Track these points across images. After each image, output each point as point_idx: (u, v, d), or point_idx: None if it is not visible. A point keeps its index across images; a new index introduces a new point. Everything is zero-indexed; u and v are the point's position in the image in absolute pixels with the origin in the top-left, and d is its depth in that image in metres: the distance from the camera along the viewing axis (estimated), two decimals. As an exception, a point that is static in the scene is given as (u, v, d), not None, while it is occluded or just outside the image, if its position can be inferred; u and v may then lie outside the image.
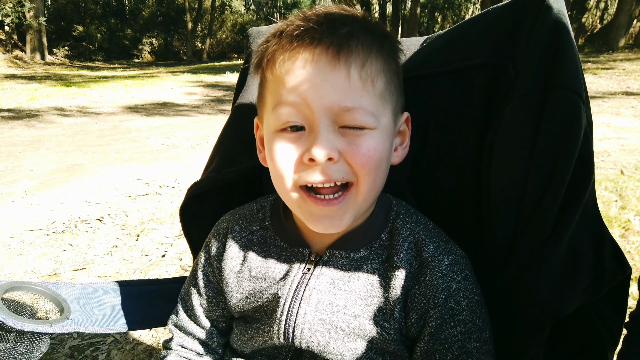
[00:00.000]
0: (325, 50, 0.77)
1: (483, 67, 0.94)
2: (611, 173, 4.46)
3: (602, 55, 16.24)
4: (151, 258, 3.14)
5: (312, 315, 0.87)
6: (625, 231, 3.19)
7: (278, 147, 0.82)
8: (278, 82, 0.81)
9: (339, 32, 0.79)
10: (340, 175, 0.80)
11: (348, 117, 0.78)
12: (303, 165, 0.80)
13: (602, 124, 6.80)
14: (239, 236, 0.99)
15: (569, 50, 0.82)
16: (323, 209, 0.82)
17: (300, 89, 0.78)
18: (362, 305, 0.86)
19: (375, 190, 0.85)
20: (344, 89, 0.77)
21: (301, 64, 0.78)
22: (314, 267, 0.90)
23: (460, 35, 1.03)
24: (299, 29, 0.79)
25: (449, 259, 0.86)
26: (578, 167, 0.81)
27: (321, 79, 0.77)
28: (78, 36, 27.72)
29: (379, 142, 0.81)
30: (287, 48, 0.80)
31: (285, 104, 0.79)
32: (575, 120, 0.80)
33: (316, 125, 0.78)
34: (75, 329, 1.07)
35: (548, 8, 0.83)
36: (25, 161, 5.85)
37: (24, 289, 1.10)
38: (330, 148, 0.77)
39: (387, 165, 0.86)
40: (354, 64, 0.78)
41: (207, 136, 7.25)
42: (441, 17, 31.87)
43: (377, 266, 0.89)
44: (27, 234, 3.59)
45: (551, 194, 0.81)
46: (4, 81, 14.33)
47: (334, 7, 0.85)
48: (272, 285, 0.92)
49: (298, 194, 0.83)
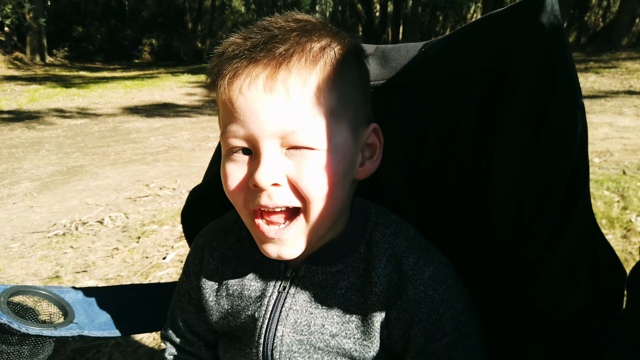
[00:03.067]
0: (262, 71, 0.74)
1: (482, 73, 0.94)
2: (613, 173, 4.46)
3: (605, 54, 16.24)
4: (152, 260, 3.14)
5: (289, 336, 0.86)
6: (627, 232, 3.19)
7: (226, 172, 0.79)
8: (223, 109, 0.78)
9: (277, 50, 0.74)
10: (287, 200, 0.76)
11: (293, 139, 0.74)
12: (250, 191, 0.77)
13: (604, 123, 6.81)
14: (216, 252, 0.97)
15: (565, 55, 0.82)
16: (271, 238, 0.78)
17: (241, 118, 0.74)
18: (340, 323, 0.84)
19: (331, 214, 0.81)
20: (286, 111, 0.73)
21: (237, 89, 0.75)
22: (290, 285, 0.88)
23: (458, 40, 1.02)
24: (237, 49, 0.76)
25: (430, 270, 0.83)
26: (573, 172, 0.81)
27: (260, 105, 0.73)
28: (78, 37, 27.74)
29: (330, 164, 0.76)
30: (226, 72, 0.76)
31: (230, 132, 0.76)
32: (572, 126, 0.80)
33: (260, 150, 0.74)
34: (79, 332, 1.07)
35: (545, 15, 0.83)
36: (25, 163, 5.85)
37: (29, 292, 1.11)
38: (273, 174, 0.74)
39: (344, 186, 0.81)
40: (294, 84, 0.73)
41: (208, 137, 7.25)
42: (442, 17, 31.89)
43: (354, 280, 0.86)
44: (28, 237, 3.59)
45: (550, 200, 0.81)
46: (4, 83, 14.34)
47: (283, 18, 0.81)
48: (248, 305, 0.90)
49: (251, 218, 0.80)
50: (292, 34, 0.77)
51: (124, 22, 30.29)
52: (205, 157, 5.84)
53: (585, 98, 8.79)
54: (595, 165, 4.81)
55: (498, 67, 0.91)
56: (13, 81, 14.85)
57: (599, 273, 0.86)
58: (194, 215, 1.23)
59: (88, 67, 21.23)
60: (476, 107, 0.95)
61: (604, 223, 3.33)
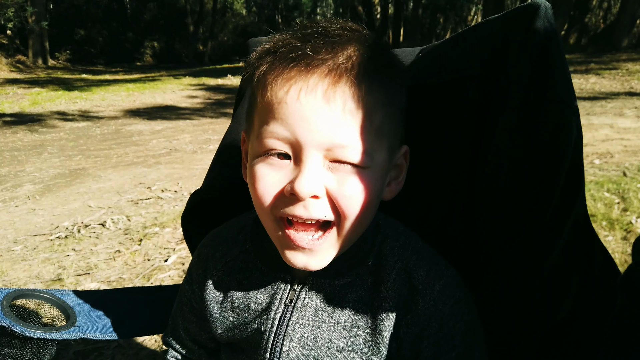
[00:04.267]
0: (322, 79, 0.71)
1: (476, 78, 0.94)
2: (613, 175, 4.46)
3: (606, 55, 16.21)
4: (154, 263, 3.15)
5: (296, 351, 0.84)
6: (627, 233, 3.19)
7: (259, 174, 0.75)
8: (267, 109, 0.74)
9: (338, 59, 0.72)
10: (322, 214, 0.73)
11: (340, 153, 0.72)
12: (284, 198, 0.73)
13: (605, 124, 6.80)
14: (220, 263, 0.95)
15: (559, 62, 0.83)
16: (302, 248, 0.76)
17: (291, 123, 0.71)
18: (347, 337, 0.83)
19: (360, 231, 0.80)
20: (339, 124, 0.71)
21: (294, 94, 0.71)
22: (297, 298, 0.86)
23: (454, 46, 1.03)
24: (294, 51, 0.73)
25: (440, 284, 0.82)
26: (569, 176, 0.82)
27: (314, 112, 0.70)
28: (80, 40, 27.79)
29: (369, 182, 0.75)
30: (279, 73, 0.73)
31: (272, 134, 0.73)
32: (565, 131, 0.81)
33: (304, 159, 0.72)
34: (81, 335, 1.08)
35: (538, 22, 0.84)
36: (28, 166, 5.87)
37: (31, 296, 1.12)
38: (315, 185, 0.71)
39: (376, 205, 0.80)
40: (351, 97, 0.71)
41: (209, 140, 7.26)
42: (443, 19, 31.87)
43: (362, 293, 0.84)
44: (31, 239, 3.61)
45: (545, 204, 0.82)
46: (6, 86, 14.37)
47: (338, 25, 0.78)
48: (254, 318, 0.88)
49: (277, 225, 0.77)
50: (352, 44, 0.75)
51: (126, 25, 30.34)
52: (206, 160, 5.85)
53: (586, 99, 8.81)
54: (596, 166, 4.81)
55: (493, 73, 0.92)
56: (15, 84, 14.89)
57: (594, 277, 0.87)
58: (194, 219, 1.23)
59: (90, 70, 21.28)
60: (470, 112, 0.96)
61: (604, 225, 3.33)
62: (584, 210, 0.88)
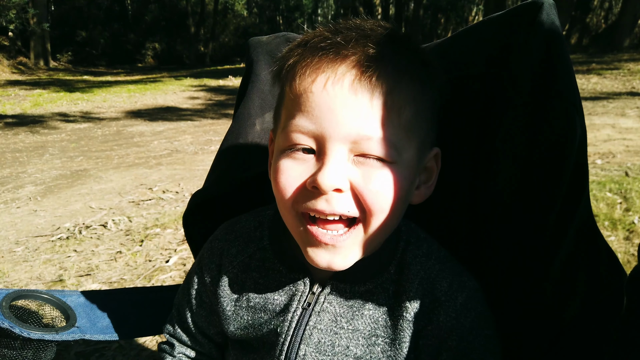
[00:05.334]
0: (350, 69, 0.70)
1: (479, 77, 0.94)
2: (616, 175, 4.45)
3: (607, 55, 16.20)
4: (155, 264, 3.15)
5: (312, 356, 0.82)
6: (629, 233, 3.18)
7: (282, 168, 0.74)
8: (294, 100, 0.73)
9: (368, 50, 0.71)
10: (345, 209, 0.71)
11: (366, 146, 0.70)
12: (307, 192, 0.72)
13: (606, 124, 6.79)
14: (236, 260, 0.92)
15: (563, 60, 0.82)
16: (325, 244, 0.73)
17: (316, 114, 0.70)
18: (365, 345, 0.81)
19: (387, 231, 0.77)
20: (365, 115, 0.69)
21: (321, 83, 0.70)
22: (315, 302, 0.84)
23: (456, 44, 1.03)
24: (324, 41, 0.72)
25: (463, 297, 0.80)
26: (573, 176, 0.81)
27: (341, 103, 0.69)
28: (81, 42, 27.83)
29: (396, 179, 0.72)
30: (309, 62, 0.72)
31: (297, 127, 0.72)
32: (569, 130, 0.80)
33: (328, 152, 0.70)
34: (81, 336, 1.07)
35: (542, 19, 0.83)
36: (29, 167, 5.88)
37: (31, 297, 1.11)
38: (339, 178, 0.69)
39: (404, 205, 0.78)
40: (379, 89, 0.69)
41: (210, 140, 7.27)
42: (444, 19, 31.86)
43: (382, 302, 0.82)
44: (32, 240, 3.61)
45: (549, 204, 0.81)
46: (8, 87, 14.40)
47: (372, 21, 0.78)
48: (271, 319, 0.86)
49: (299, 221, 0.75)
50: (384, 38, 0.74)
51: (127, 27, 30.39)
52: (207, 160, 5.85)
53: (588, 99, 8.80)
54: (598, 166, 4.79)
55: (496, 71, 0.92)
56: (17, 86, 14.92)
57: (600, 276, 0.86)
58: (195, 219, 1.23)
59: (91, 72, 21.32)
60: (474, 111, 0.95)
61: (607, 225, 3.32)
62: (589, 210, 0.88)
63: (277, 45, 1.22)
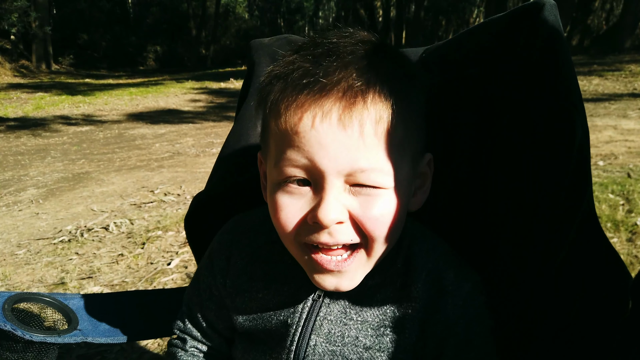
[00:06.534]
0: (336, 103, 0.69)
1: (481, 78, 0.94)
2: (618, 176, 4.44)
3: (608, 56, 16.18)
4: (157, 266, 3.15)
5: (322, 346, 0.84)
6: (632, 235, 3.17)
7: (280, 204, 0.75)
8: (283, 137, 0.72)
9: (351, 80, 0.69)
10: (348, 238, 0.73)
11: (361, 177, 0.70)
12: (308, 225, 0.73)
13: (608, 126, 6.78)
14: (245, 252, 0.94)
15: (565, 61, 0.82)
16: (330, 271, 0.76)
17: (308, 150, 0.70)
18: (374, 336, 0.83)
19: (389, 248, 0.79)
20: (357, 148, 0.69)
21: (308, 121, 0.69)
22: (325, 294, 0.86)
23: (458, 46, 1.03)
24: (306, 77, 0.70)
25: (468, 286, 0.83)
26: (574, 176, 0.81)
27: (331, 139, 0.68)
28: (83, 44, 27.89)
29: (394, 202, 0.74)
30: (292, 100, 0.71)
31: (290, 162, 0.72)
32: (569, 131, 0.80)
33: (325, 186, 0.70)
34: (83, 339, 1.07)
35: (544, 19, 0.83)
36: (31, 170, 5.88)
37: (33, 299, 1.11)
38: (339, 211, 0.70)
39: (403, 220, 0.79)
40: (369, 120, 0.69)
41: (212, 143, 7.27)
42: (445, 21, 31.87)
43: (391, 294, 0.84)
44: (34, 243, 3.61)
45: (550, 204, 0.81)
46: (10, 90, 14.42)
47: (350, 38, 0.76)
48: (280, 310, 0.87)
49: (303, 251, 0.77)
50: (365, 62, 0.72)
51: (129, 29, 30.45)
52: (209, 163, 5.85)
53: (589, 101, 8.79)
54: (600, 168, 4.78)
55: (497, 72, 0.92)
56: (19, 89, 14.94)
57: (603, 278, 0.86)
58: (197, 221, 1.23)
59: (93, 74, 21.36)
60: (475, 111, 0.95)
61: (609, 226, 3.31)
62: (592, 210, 0.87)
63: (278, 47, 1.23)
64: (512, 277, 0.87)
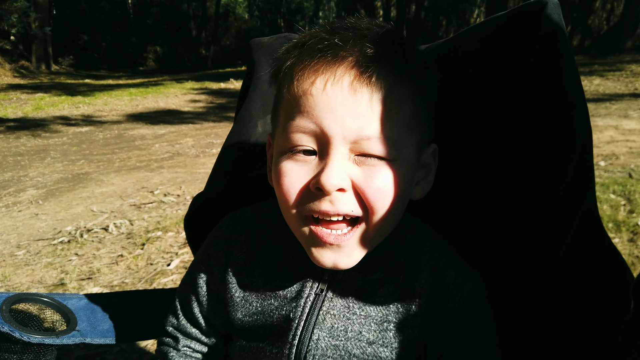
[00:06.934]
0: (348, 70, 0.71)
1: (482, 77, 0.94)
2: (619, 176, 4.43)
3: (609, 57, 16.16)
4: (157, 267, 3.14)
5: (325, 341, 0.83)
6: (633, 235, 3.17)
7: (284, 170, 0.75)
8: (293, 102, 0.74)
9: (366, 50, 0.72)
10: (349, 208, 0.73)
11: (366, 146, 0.71)
12: (310, 193, 0.73)
13: (609, 126, 6.77)
14: (244, 247, 0.93)
15: (567, 60, 0.81)
16: (329, 244, 0.75)
17: (316, 115, 0.71)
18: (378, 331, 0.82)
19: (389, 228, 0.80)
20: (365, 115, 0.70)
21: (320, 85, 0.71)
22: (327, 288, 0.85)
23: (459, 44, 1.02)
24: (322, 43, 0.73)
25: (469, 285, 0.83)
26: (576, 175, 0.81)
27: (340, 104, 0.70)
28: (83, 45, 27.89)
29: (397, 176, 0.74)
30: (307, 64, 0.73)
31: (298, 128, 0.73)
32: (571, 130, 0.80)
33: (329, 152, 0.71)
34: (81, 340, 1.06)
35: (547, 18, 0.83)
36: (31, 171, 5.88)
37: (31, 300, 1.10)
38: (342, 177, 0.71)
39: (405, 201, 0.79)
40: (378, 88, 0.71)
41: (212, 143, 7.26)
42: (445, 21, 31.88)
43: (393, 289, 0.84)
44: (34, 244, 3.60)
45: (552, 203, 0.81)
46: (10, 91, 14.41)
47: (367, 21, 0.79)
48: (282, 305, 0.87)
49: (303, 223, 0.77)
50: (380, 38, 0.75)
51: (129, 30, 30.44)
52: (209, 163, 5.84)
53: (591, 101, 8.78)
54: (601, 168, 4.78)
55: (497, 70, 0.91)
56: (19, 90, 14.93)
57: (606, 279, 0.85)
58: (197, 221, 1.22)
59: (93, 75, 21.34)
60: (476, 110, 0.95)
61: (611, 227, 3.30)
62: (594, 210, 0.87)
63: (278, 46, 1.21)
64: (513, 275, 0.87)
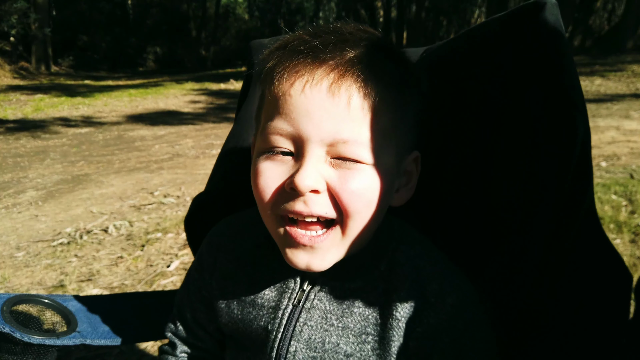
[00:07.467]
0: (328, 73, 0.71)
1: (482, 78, 0.93)
2: (620, 177, 4.43)
3: (610, 57, 16.17)
4: (156, 268, 3.14)
5: (302, 353, 0.82)
6: (635, 236, 3.16)
7: (261, 170, 0.76)
8: (273, 103, 0.75)
9: (346, 54, 0.72)
10: (323, 210, 0.73)
11: (343, 149, 0.72)
12: (285, 193, 0.73)
13: (611, 127, 6.77)
14: (232, 255, 0.94)
15: (566, 60, 0.81)
16: (303, 245, 0.75)
17: (294, 117, 0.72)
18: (356, 343, 0.80)
19: (365, 232, 0.78)
20: (342, 118, 0.71)
21: (299, 86, 0.72)
22: (305, 299, 0.84)
23: (458, 46, 1.02)
24: (303, 45, 0.74)
25: (453, 298, 0.79)
26: (575, 176, 0.80)
27: (318, 106, 0.71)
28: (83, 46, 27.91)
29: (373, 181, 0.74)
30: (287, 65, 0.73)
31: (276, 130, 0.73)
32: (571, 130, 0.79)
33: (305, 154, 0.72)
34: (82, 341, 1.06)
35: (545, 18, 0.83)
36: (30, 172, 5.87)
37: (32, 301, 1.10)
38: (316, 179, 0.71)
39: (382, 207, 0.78)
40: (356, 93, 0.71)
41: (212, 144, 7.26)
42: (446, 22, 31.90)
43: (372, 300, 0.82)
44: (33, 245, 3.60)
45: (551, 204, 0.80)
46: (9, 92, 14.41)
47: (352, 25, 0.79)
48: (261, 315, 0.87)
49: (279, 223, 0.77)
50: (363, 43, 0.75)
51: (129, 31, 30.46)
52: (209, 165, 5.84)
53: (592, 101, 8.79)
54: (603, 169, 4.78)
55: (497, 71, 0.91)
56: (18, 91, 14.93)
57: (605, 279, 0.85)
58: (197, 222, 1.22)
59: (93, 76, 21.35)
60: (476, 111, 0.94)
61: (612, 227, 3.30)
62: (593, 210, 0.87)
63: (279, 47, 1.22)
64: (512, 277, 0.86)
